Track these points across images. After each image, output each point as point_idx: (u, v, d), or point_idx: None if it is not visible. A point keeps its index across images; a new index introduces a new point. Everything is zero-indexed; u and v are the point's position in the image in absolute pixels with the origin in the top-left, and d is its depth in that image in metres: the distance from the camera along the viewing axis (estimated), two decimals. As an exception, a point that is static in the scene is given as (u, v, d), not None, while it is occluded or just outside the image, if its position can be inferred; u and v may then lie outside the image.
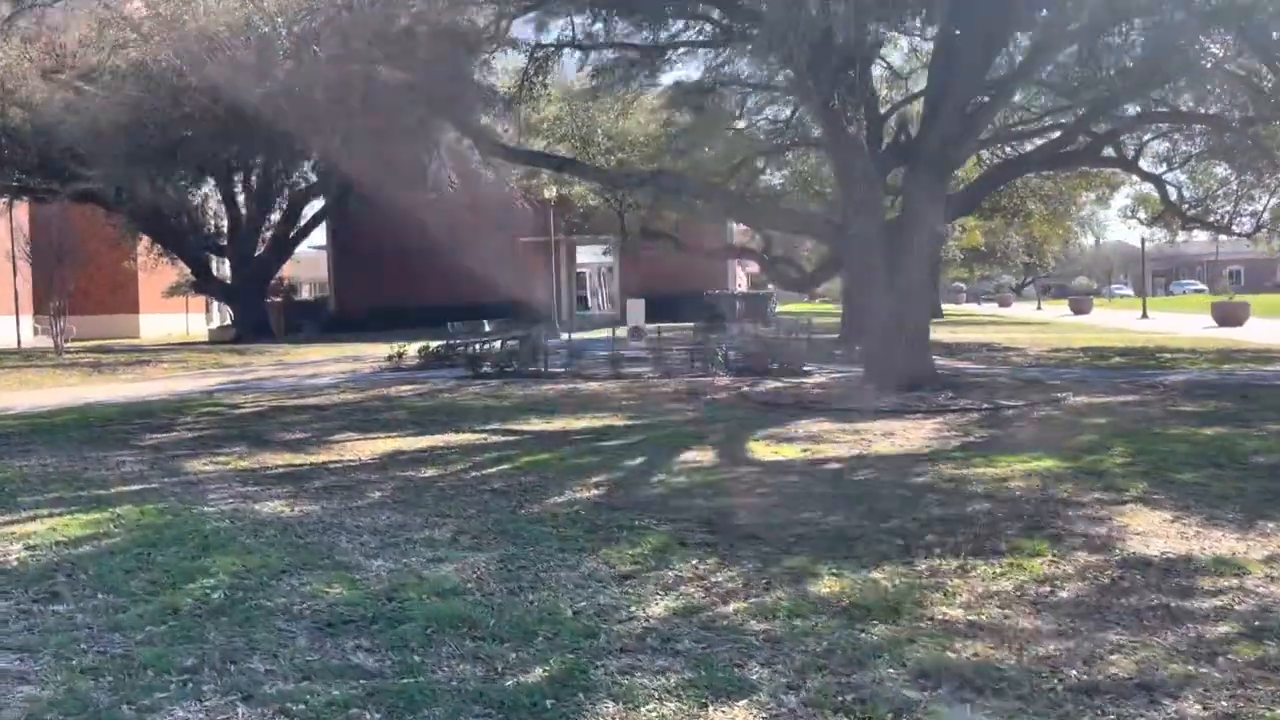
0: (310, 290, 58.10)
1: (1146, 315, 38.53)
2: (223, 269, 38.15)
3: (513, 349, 18.36)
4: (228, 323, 38.93)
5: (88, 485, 7.75)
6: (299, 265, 51.82)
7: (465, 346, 18.79)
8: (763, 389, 13.65)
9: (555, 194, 29.06)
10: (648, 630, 4.26)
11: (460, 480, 7.75)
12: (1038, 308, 57.28)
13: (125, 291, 41.87)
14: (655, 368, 16.61)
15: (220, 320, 44.93)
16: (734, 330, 20.13)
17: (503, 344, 19.28)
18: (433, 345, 19.17)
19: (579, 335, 20.21)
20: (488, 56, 15.92)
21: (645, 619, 4.40)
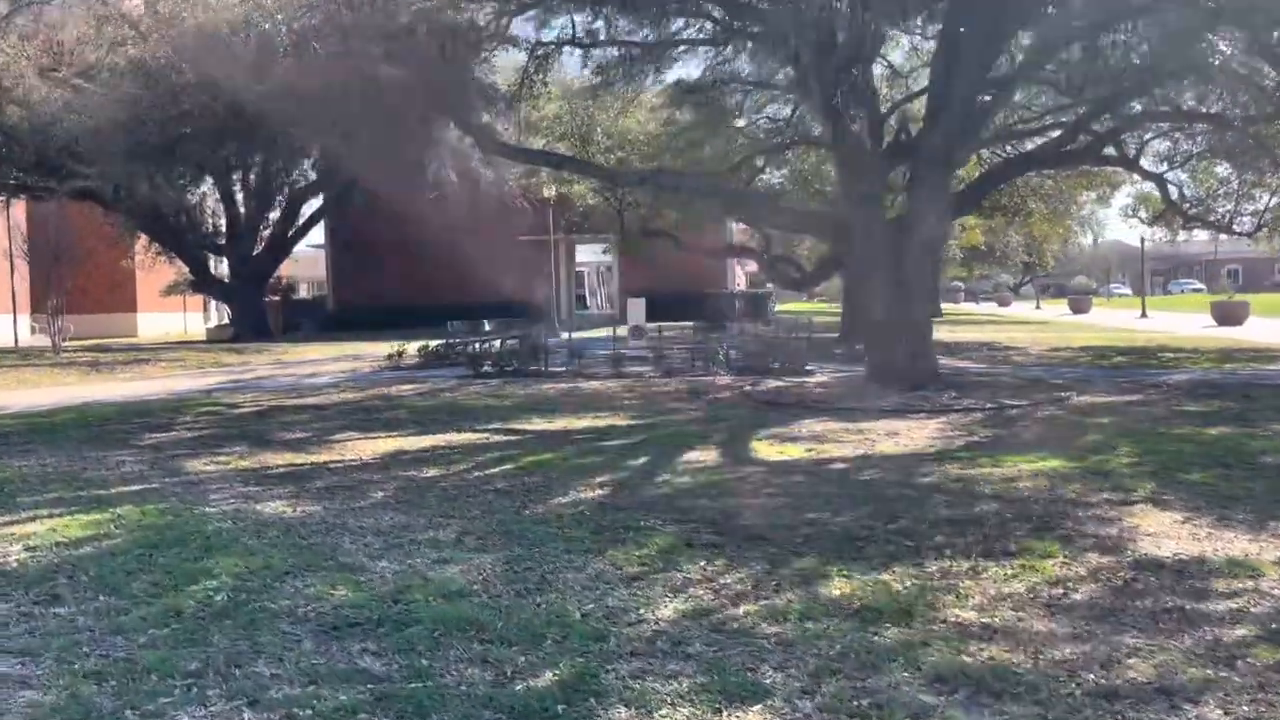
0: (308, 289, 58.01)
1: (1146, 315, 38.52)
2: (221, 268, 38.04)
3: (513, 348, 18.30)
4: (226, 321, 38.85)
5: (87, 485, 7.69)
6: (297, 264, 51.71)
7: (465, 345, 18.72)
8: (765, 388, 13.60)
9: (554, 193, 29.02)
10: (658, 633, 4.21)
11: (463, 480, 7.69)
12: (1036, 307, 57.26)
13: (123, 290, 41.76)
14: (656, 367, 16.54)
15: (218, 319, 44.82)
16: (734, 329, 20.07)
17: (502, 343, 19.21)
18: (432, 344, 19.11)
19: (579, 334, 20.13)
20: (488, 54, 15.87)
21: (655, 621, 4.35)
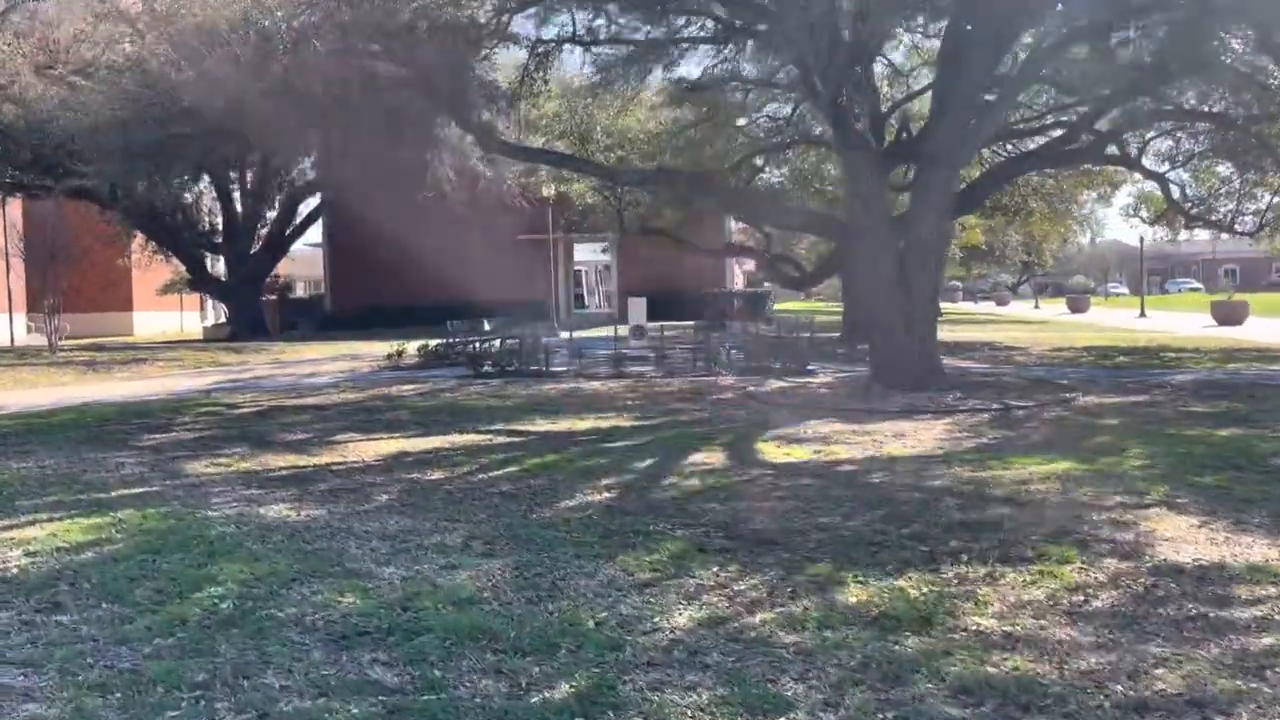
0: (304, 288, 57.82)
1: (1145, 314, 38.52)
2: (217, 266, 37.89)
3: (513, 348, 18.20)
4: (223, 320, 38.67)
5: (87, 488, 7.59)
6: (294, 263, 51.52)
7: (465, 345, 18.62)
8: (768, 389, 13.52)
9: (553, 192, 28.92)
10: (674, 642, 4.13)
11: (468, 483, 7.61)
12: (1035, 306, 57.25)
13: (119, 289, 41.58)
14: (658, 367, 16.46)
15: (215, 318, 44.65)
16: (736, 329, 19.98)
17: (502, 343, 19.11)
18: (432, 344, 19.00)
19: (579, 333, 20.03)
20: (488, 52, 15.76)
21: (670, 630, 4.27)
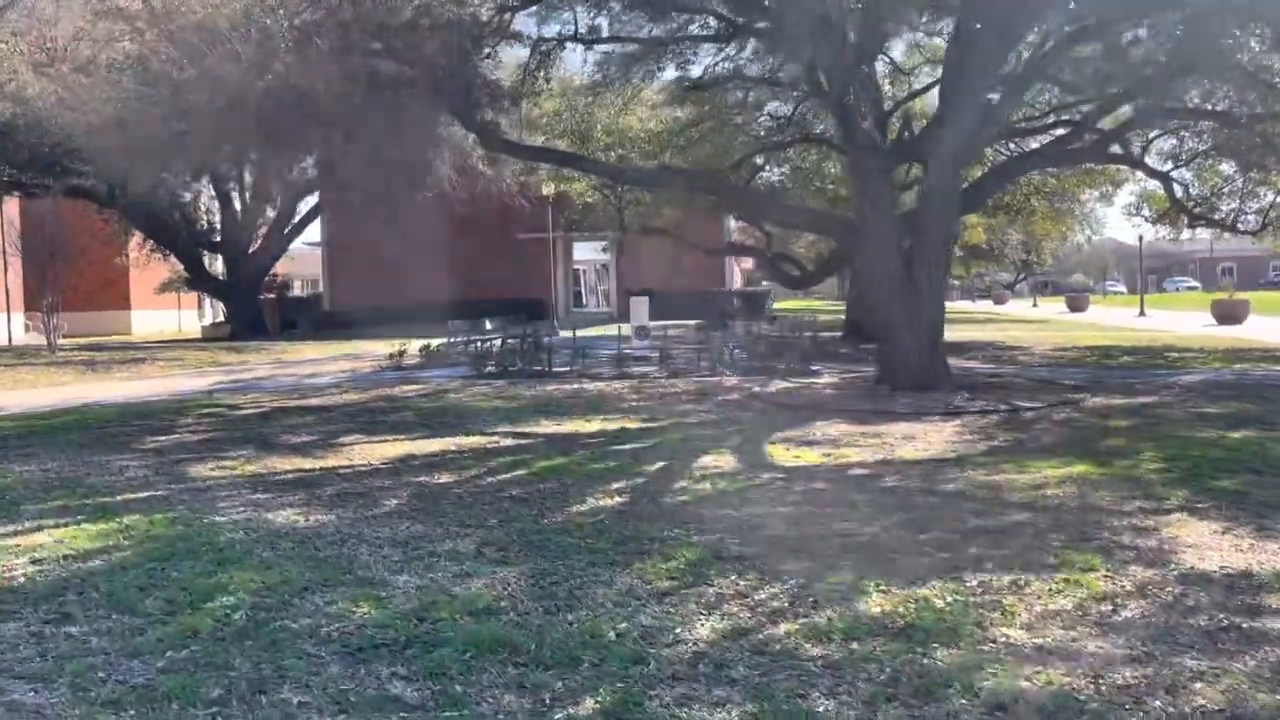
0: (301, 287, 57.65)
1: (1144, 313, 38.49)
2: (215, 265, 37.77)
3: (514, 347, 18.12)
4: (221, 319, 38.53)
5: (91, 492, 7.49)
6: (292, 262, 51.35)
7: (467, 345, 18.54)
8: (773, 389, 13.44)
9: (553, 191, 28.80)
10: (698, 655, 4.04)
11: (477, 487, 7.52)
12: (1033, 305, 57.23)
13: (116, 287, 41.43)
14: (661, 367, 16.37)
15: (213, 317, 44.50)
16: (738, 328, 19.90)
17: (503, 342, 19.04)
18: (434, 344, 18.91)
19: (582, 333, 19.92)
20: (491, 50, 15.66)
21: (693, 642, 4.19)
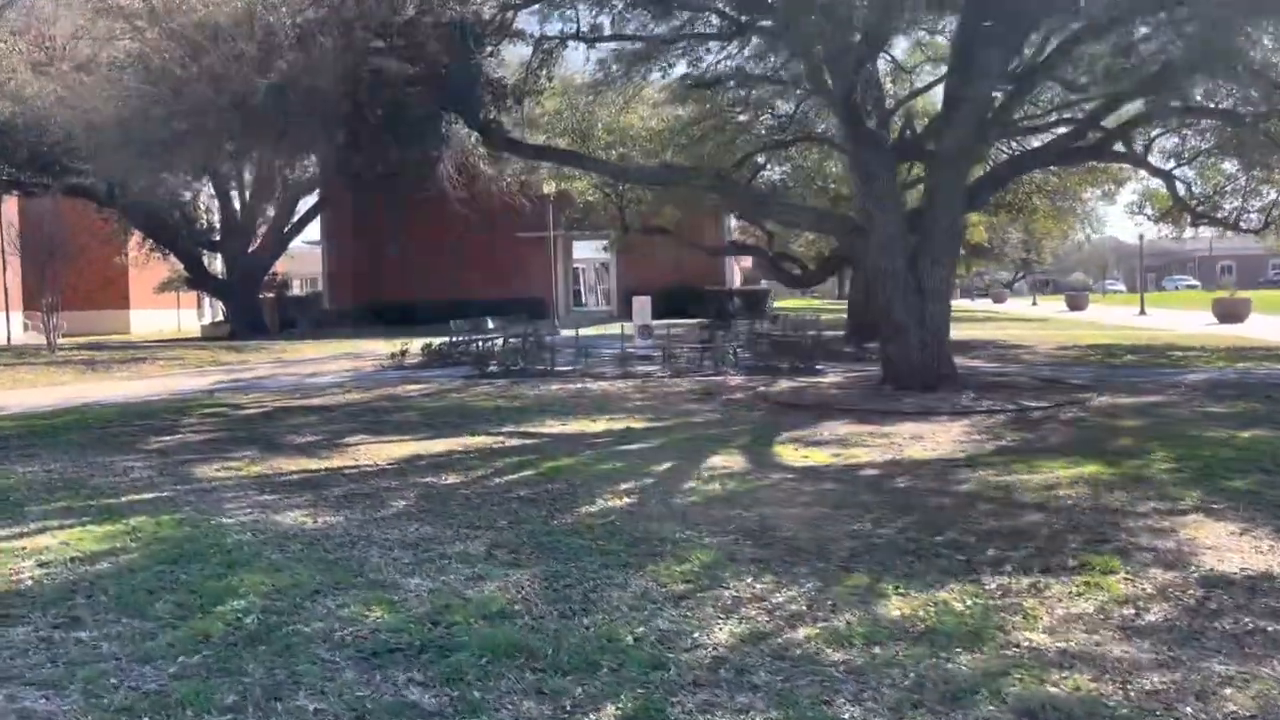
0: (300, 286, 57.54)
1: (1144, 312, 38.46)
2: (215, 264, 37.65)
3: (516, 347, 18.06)
4: (221, 319, 38.43)
5: (96, 494, 7.43)
6: (290, 261, 51.25)
7: (469, 344, 18.47)
8: (779, 389, 13.39)
9: (553, 189, 28.74)
10: (718, 660, 3.99)
11: (485, 488, 7.46)
12: (1033, 303, 57.21)
13: (115, 287, 41.32)
14: (665, 367, 16.31)
15: (212, 316, 44.38)
16: (742, 327, 19.84)
17: (505, 341, 18.97)
18: (435, 343, 18.84)
19: (585, 332, 19.86)
20: (493, 48, 15.60)
21: (712, 647, 4.13)
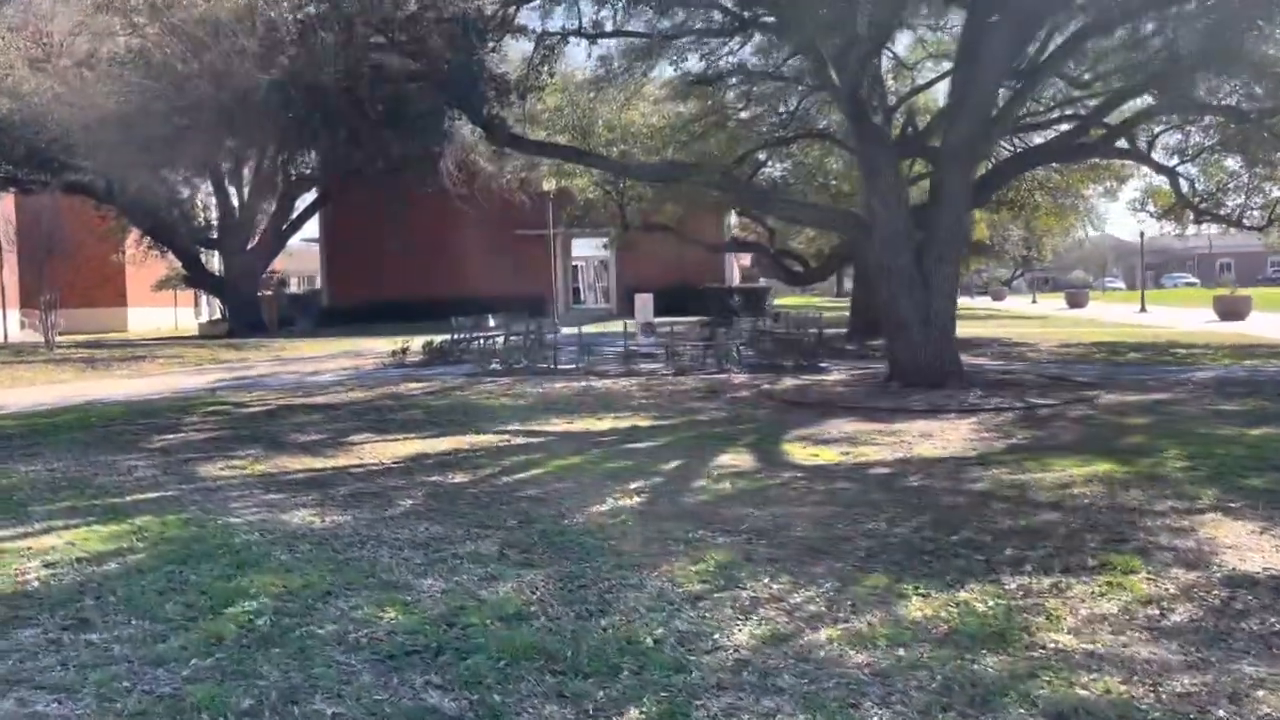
0: (298, 283, 57.44)
1: (1145, 309, 38.40)
2: (213, 262, 37.54)
3: (518, 344, 17.98)
4: (218, 316, 38.32)
5: (100, 493, 7.35)
6: (288, 258, 51.14)
7: (470, 341, 18.40)
8: (783, 386, 13.32)
9: (554, 186, 28.65)
10: (740, 662, 3.92)
11: (493, 486, 7.40)
12: (1032, 301, 57.14)
13: (113, 284, 41.25)
14: (668, 364, 16.24)
15: (209, 314, 44.27)
16: (745, 325, 19.77)
17: (507, 339, 18.90)
18: (437, 340, 18.77)
19: (587, 329, 19.79)
20: (495, 44, 15.52)
21: (734, 649, 4.06)
